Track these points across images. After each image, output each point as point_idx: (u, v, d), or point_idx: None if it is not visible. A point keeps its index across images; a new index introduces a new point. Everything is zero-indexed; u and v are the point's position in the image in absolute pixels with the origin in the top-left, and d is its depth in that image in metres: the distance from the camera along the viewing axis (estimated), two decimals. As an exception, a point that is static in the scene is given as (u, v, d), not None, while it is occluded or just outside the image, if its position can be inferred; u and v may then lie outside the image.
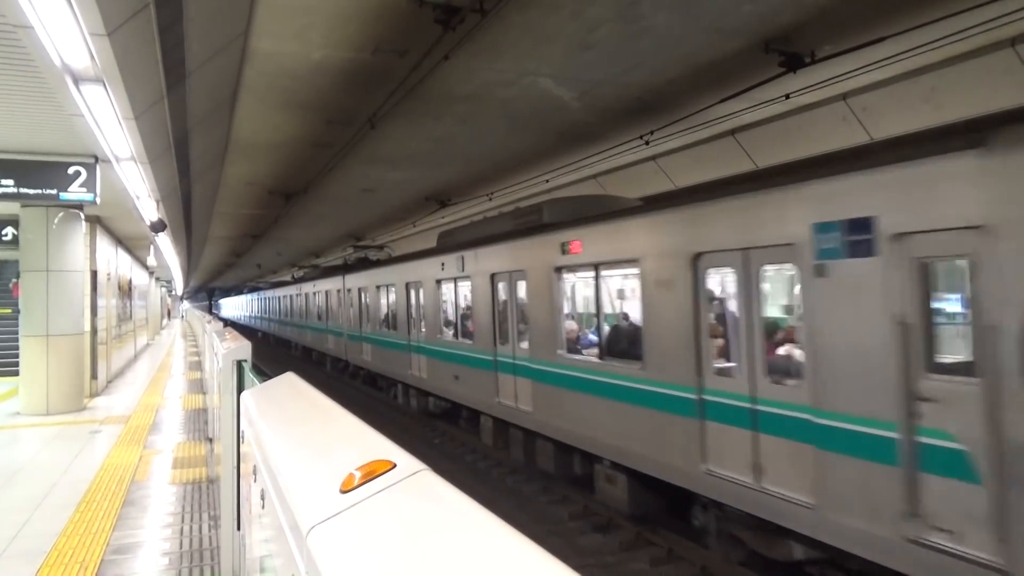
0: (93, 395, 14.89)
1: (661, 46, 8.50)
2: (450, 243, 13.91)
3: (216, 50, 8.17)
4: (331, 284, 24.38)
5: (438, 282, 14.26)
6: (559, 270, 9.75)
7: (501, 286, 11.60)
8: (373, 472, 1.42)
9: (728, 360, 6.94)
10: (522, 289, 10.76)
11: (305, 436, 2.21)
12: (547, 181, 15.05)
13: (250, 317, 58.64)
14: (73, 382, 12.98)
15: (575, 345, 9.92)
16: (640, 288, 8.01)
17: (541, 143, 13.08)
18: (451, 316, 14.46)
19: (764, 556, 6.68)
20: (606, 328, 9.41)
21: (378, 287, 18.64)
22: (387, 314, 18.22)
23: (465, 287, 13.42)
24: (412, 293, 15.99)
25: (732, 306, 6.94)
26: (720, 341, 7.07)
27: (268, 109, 10.93)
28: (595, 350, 9.28)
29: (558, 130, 12.21)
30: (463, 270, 12.80)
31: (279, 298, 38.72)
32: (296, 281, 33.62)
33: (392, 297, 17.65)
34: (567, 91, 10.17)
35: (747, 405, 6.48)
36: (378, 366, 19.06)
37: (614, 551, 8.15)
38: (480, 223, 13.24)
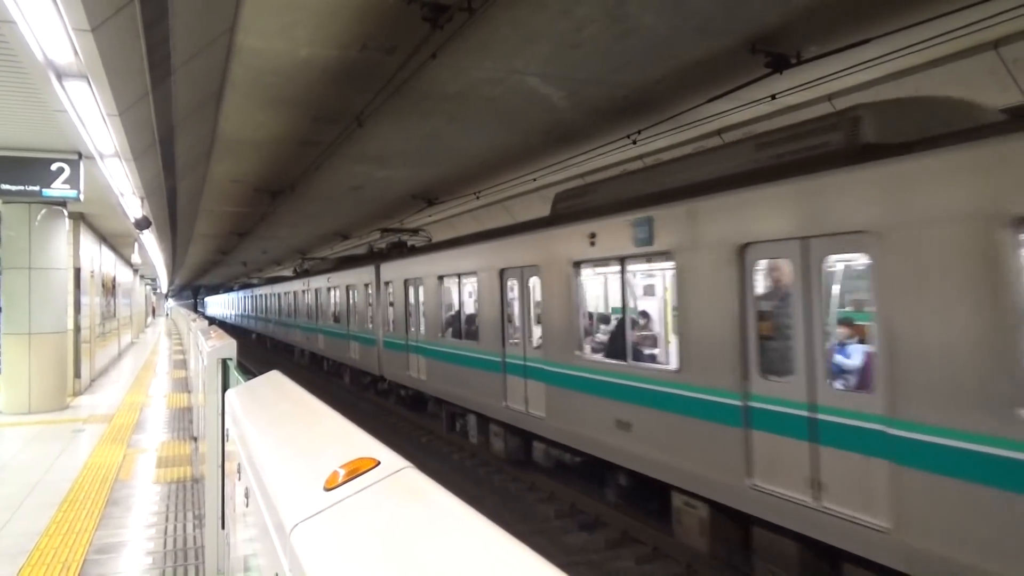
0: (76, 394, 14.76)
1: (648, 46, 8.53)
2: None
3: (202, 46, 8.12)
4: (356, 277, 19.47)
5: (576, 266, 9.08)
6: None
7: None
8: (357, 470, 1.42)
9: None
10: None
11: (290, 434, 2.20)
12: (534, 180, 15.07)
13: (243, 317, 51.99)
14: (56, 381, 12.85)
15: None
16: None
17: (528, 142, 13.09)
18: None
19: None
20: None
21: (442, 277, 13.49)
22: (459, 315, 13.36)
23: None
24: (518, 285, 10.71)
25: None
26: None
27: (254, 106, 10.88)
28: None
29: (545, 129, 12.22)
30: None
31: (279, 295, 33.35)
32: (302, 275, 28.37)
33: (469, 290, 12.87)
34: (555, 90, 10.19)
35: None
36: (442, 388, 13.38)
37: (600, 549, 8.17)
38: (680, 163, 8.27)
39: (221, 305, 71.13)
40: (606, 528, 8.69)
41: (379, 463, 1.44)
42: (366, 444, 1.67)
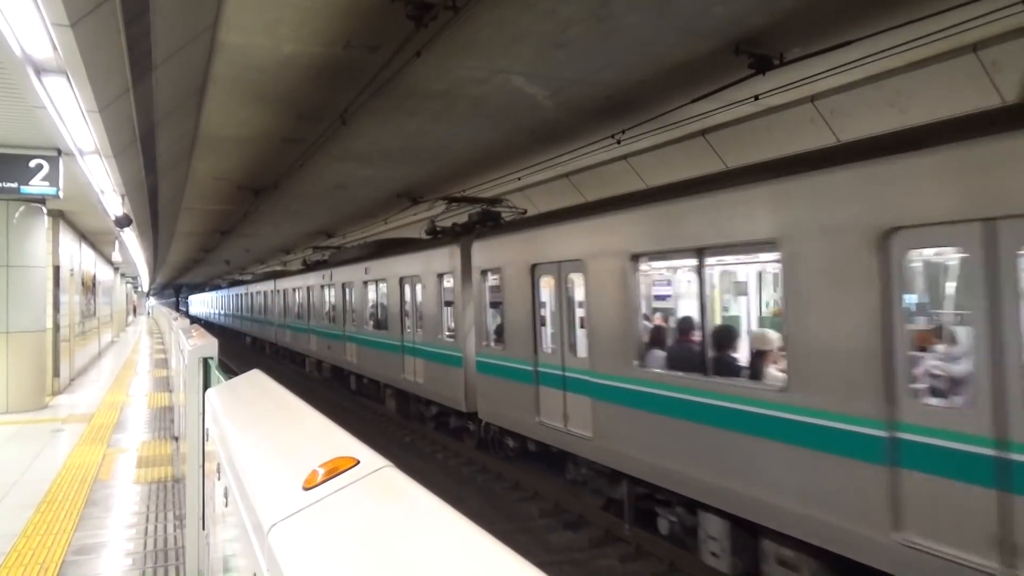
0: (55, 393, 14.59)
1: (633, 46, 8.56)
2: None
3: (184, 43, 8.05)
4: (420, 264, 13.75)
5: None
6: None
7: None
8: (336, 469, 1.42)
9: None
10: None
11: (270, 433, 2.19)
12: (519, 179, 15.06)
13: (235, 318, 46.04)
14: (34, 380, 12.70)
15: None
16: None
17: (513, 141, 13.09)
18: None
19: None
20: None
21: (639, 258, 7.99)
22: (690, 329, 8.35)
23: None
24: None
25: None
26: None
27: (237, 103, 10.79)
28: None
29: (530, 128, 12.22)
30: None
31: (283, 293, 28.10)
32: (314, 267, 23.73)
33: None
34: (539, 89, 10.19)
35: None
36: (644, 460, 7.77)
37: (583, 548, 8.19)
38: None
39: (207, 305, 65.01)
40: (590, 527, 8.71)
41: (359, 462, 1.43)
42: (346, 443, 1.66)
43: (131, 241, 20.82)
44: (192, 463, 4.85)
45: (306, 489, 1.40)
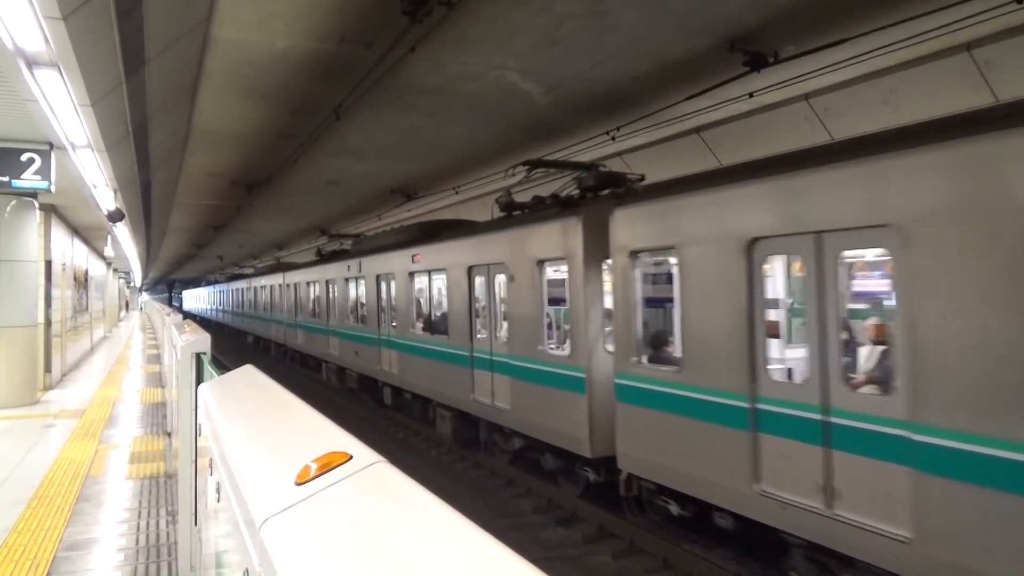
0: (47, 388, 14.52)
1: (628, 43, 8.56)
2: None
3: (177, 37, 8.01)
4: (509, 248, 10.11)
5: None
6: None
7: None
8: (329, 464, 1.41)
9: None
10: None
11: (262, 429, 2.18)
12: (513, 175, 15.05)
13: (231, 315, 42.49)
14: (25, 375, 12.63)
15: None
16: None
17: (508, 137, 13.08)
18: None
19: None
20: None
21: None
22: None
23: None
24: None
25: None
26: None
27: (230, 98, 10.75)
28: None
29: (525, 124, 12.22)
30: None
31: (293, 287, 24.65)
32: (330, 258, 20.39)
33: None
34: (534, 85, 10.18)
35: None
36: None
37: (577, 544, 8.20)
38: None
39: (203, 300, 61.18)
40: (583, 523, 8.73)
41: (351, 457, 1.43)
42: (339, 438, 1.66)
43: (124, 236, 20.75)
44: (185, 459, 4.84)
45: (298, 484, 1.40)
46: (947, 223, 4.62)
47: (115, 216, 13.54)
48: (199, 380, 4.68)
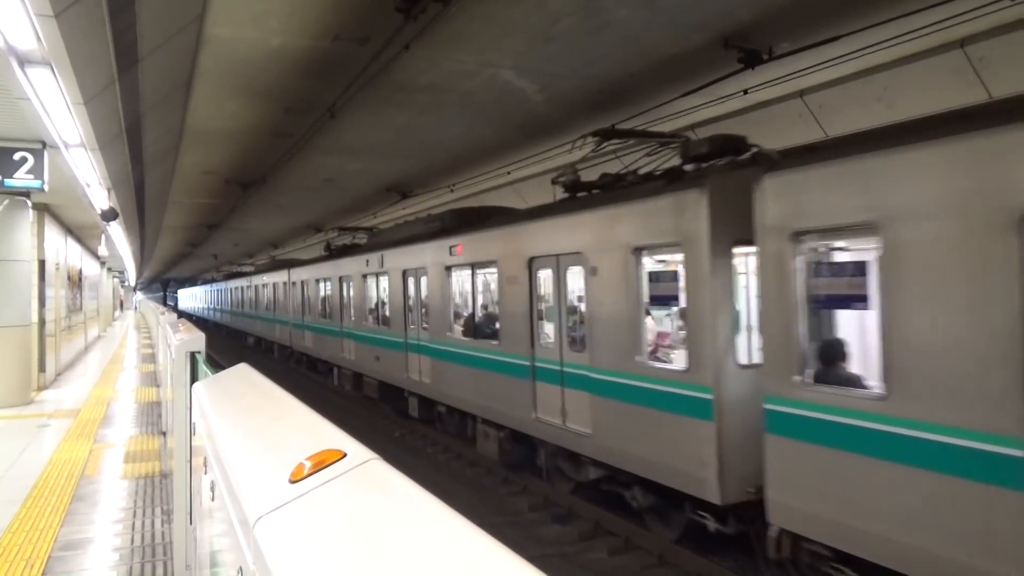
0: (41, 388, 14.48)
1: (623, 40, 8.55)
2: None
3: (170, 34, 7.98)
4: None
5: None
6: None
7: None
8: (323, 462, 1.41)
9: None
10: None
11: (256, 427, 2.17)
12: (508, 173, 15.04)
13: (229, 314, 39.51)
14: (20, 375, 12.59)
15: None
16: None
17: (503, 135, 13.07)
18: None
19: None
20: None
21: None
22: None
23: None
24: None
25: None
26: None
27: (224, 96, 10.72)
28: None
29: (520, 122, 12.21)
30: None
31: (300, 285, 22.14)
32: (341, 253, 18.55)
33: None
34: (529, 83, 10.17)
35: None
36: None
37: (573, 541, 8.21)
38: None
39: (200, 299, 58.61)
40: (579, 520, 8.73)
41: (345, 455, 1.43)
42: (333, 436, 1.65)
43: (117, 235, 20.68)
44: (179, 458, 4.83)
45: (292, 482, 1.39)
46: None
47: (109, 215, 13.50)
48: (194, 379, 4.67)
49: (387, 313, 15.02)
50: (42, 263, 14.93)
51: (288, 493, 1.35)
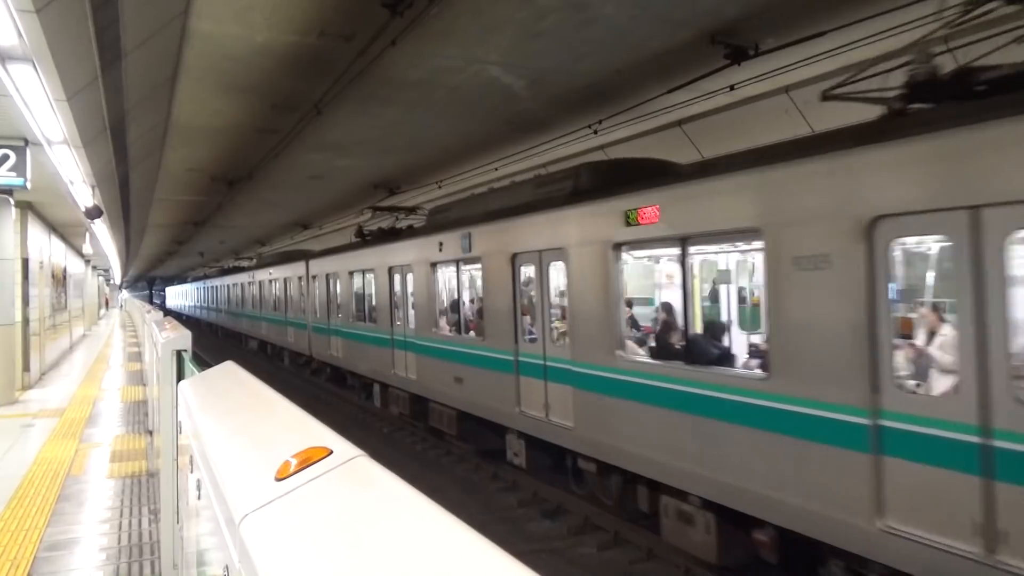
0: (26, 388, 14.35)
1: (610, 36, 8.55)
2: None
3: (154, 30, 7.91)
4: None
5: None
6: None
7: None
8: (309, 459, 1.40)
9: None
10: None
11: (242, 425, 2.16)
12: (496, 169, 15.03)
13: (228, 314, 35.30)
14: (4, 374, 12.48)
15: None
16: None
17: (490, 131, 13.05)
18: None
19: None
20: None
21: None
22: None
23: None
24: None
25: None
26: None
27: (209, 93, 10.64)
28: None
29: (507, 118, 12.19)
30: None
31: (324, 280, 18.32)
32: (382, 238, 14.93)
33: None
34: (516, 79, 10.16)
35: None
36: None
37: (563, 536, 8.23)
38: None
39: (190, 298, 54.63)
40: (568, 516, 8.75)
41: (332, 452, 1.42)
42: (320, 433, 1.64)
43: (102, 233, 20.50)
44: (166, 456, 4.80)
45: (278, 480, 1.39)
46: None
47: (93, 213, 13.37)
48: (180, 377, 4.64)
49: (481, 318, 10.69)
50: (25, 261, 14.78)
51: (274, 491, 1.35)
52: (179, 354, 4.91)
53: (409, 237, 13.33)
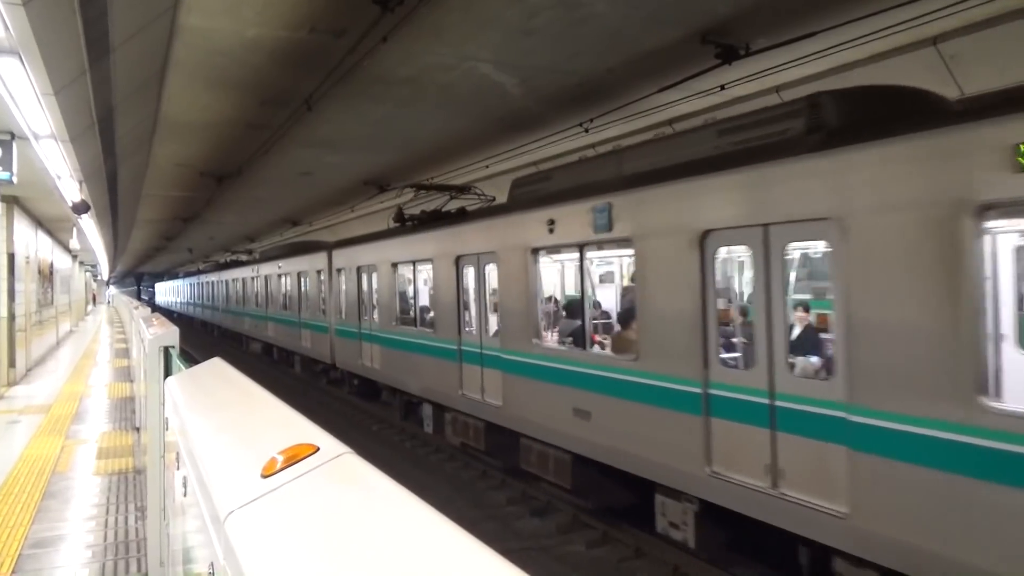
0: (11, 384, 14.23)
1: (601, 34, 8.55)
2: None
3: (142, 24, 7.85)
4: None
5: None
6: None
7: None
8: (295, 456, 1.40)
9: None
10: None
11: (229, 421, 2.15)
12: (487, 167, 15.01)
13: (228, 314, 32.57)
14: (-11, 370, 12.38)
15: None
16: None
17: (481, 129, 13.03)
18: None
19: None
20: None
21: None
22: None
23: None
24: None
25: None
26: None
27: (199, 88, 10.57)
28: None
29: (498, 116, 12.17)
30: None
31: (365, 274, 15.33)
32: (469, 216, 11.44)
33: None
34: (507, 77, 10.14)
35: None
36: None
37: (551, 534, 8.25)
38: None
39: (182, 295, 51.63)
40: (557, 514, 8.77)
41: (318, 449, 1.41)
42: (306, 430, 1.64)
43: (90, 228, 20.35)
44: (153, 453, 4.77)
45: (264, 477, 1.38)
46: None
47: (80, 208, 13.27)
48: (167, 374, 4.61)
49: (628, 326, 8.39)
50: (11, 257, 14.66)
51: (260, 488, 1.34)
52: (166, 350, 4.88)
53: (488, 217, 10.33)
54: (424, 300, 13.58)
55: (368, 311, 15.01)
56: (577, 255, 8.69)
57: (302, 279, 20.01)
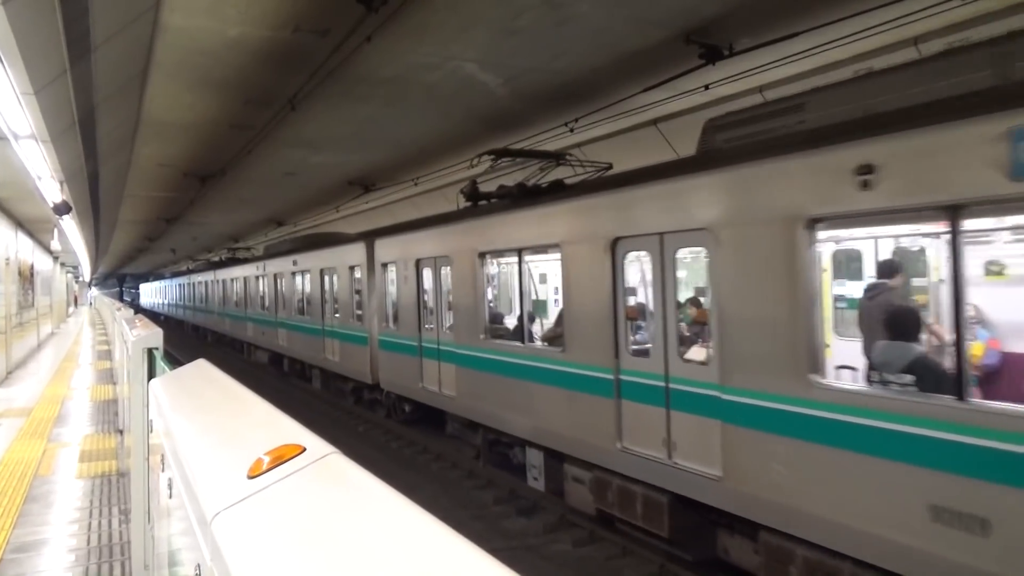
0: (-8, 387, 14.06)
1: (586, 34, 8.58)
2: None
3: (124, 23, 7.78)
4: None
5: None
6: None
7: None
8: (282, 457, 1.39)
9: None
10: None
11: (214, 423, 2.14)
12: (472, 166, 14.99)
13: (221, 316, 29.80)
14: (-31, 373, 12.22)
15: None
16: None
17: (466, 128, 13.03)
18: None
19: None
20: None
21: None
22: None
23: None
24: None
25: None
26: None
27: (181, 87, 10.49)
28: None
29: (483, 115, 12.18)
30: None
31: (434, 268, 11.55)
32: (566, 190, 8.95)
33: None
34: (492, 76, 10.15)
35: None
36: None
37: (538, 533, 8.26)
38: None
39: (170, 296, 48.78)
40: (544, 513, 8.78)
41: (305, 449, 1.41)
42: (292, 431, 1.63)
43: (71, 229, 20.13)
44: (137, 455, 4.73)
45: (251, 478, 1.38)
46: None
47: (61, 209, 13.12)
48: (151, 375, 4.58)
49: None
50: (-9, 258, 14.48)
51: (246, 488, 1.33)
52: (150, 352, 4.85)
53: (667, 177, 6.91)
54: (542, 304, 11.15)
55: (435, 319, 11.57)
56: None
57: (327, 277, 16.64)
